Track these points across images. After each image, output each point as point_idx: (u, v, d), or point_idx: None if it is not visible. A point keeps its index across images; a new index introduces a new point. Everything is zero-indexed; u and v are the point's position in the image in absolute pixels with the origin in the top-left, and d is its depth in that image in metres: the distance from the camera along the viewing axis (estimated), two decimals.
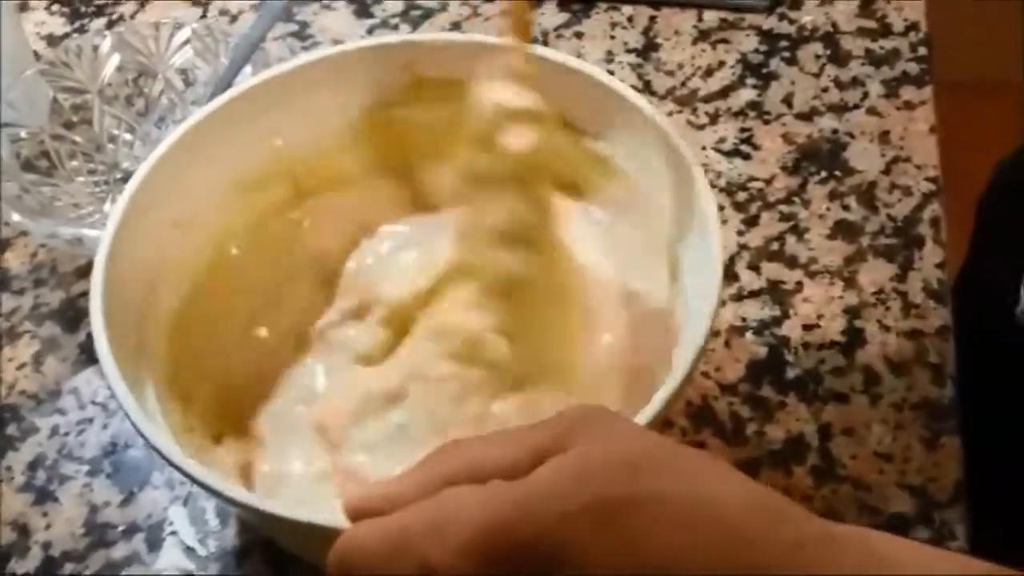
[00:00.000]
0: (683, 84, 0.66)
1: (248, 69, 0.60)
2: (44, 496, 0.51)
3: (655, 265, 0.48)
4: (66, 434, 0.53)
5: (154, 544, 0.49)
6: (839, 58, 0.67)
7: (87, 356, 0.56)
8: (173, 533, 0.50)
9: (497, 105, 0.44)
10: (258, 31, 0.60)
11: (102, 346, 0.41)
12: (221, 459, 0.47)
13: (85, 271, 0.59)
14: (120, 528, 0.50)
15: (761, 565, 0.29)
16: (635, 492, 0.30)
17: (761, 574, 0.29)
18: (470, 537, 0.31)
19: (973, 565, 0.30)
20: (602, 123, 0.50)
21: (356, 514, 0.35)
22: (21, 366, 0.56)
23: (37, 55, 0.67)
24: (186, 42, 0.62)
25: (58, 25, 0.72)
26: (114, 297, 0.43)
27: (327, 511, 0.37)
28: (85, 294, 0.58)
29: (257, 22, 0.60)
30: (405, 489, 0.34)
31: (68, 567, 0.49)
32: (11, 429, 0.54)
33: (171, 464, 0.39)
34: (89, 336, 0.56)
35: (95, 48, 0.61)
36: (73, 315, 0.58)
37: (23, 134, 0.59)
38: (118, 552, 0.49)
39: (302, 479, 0.46)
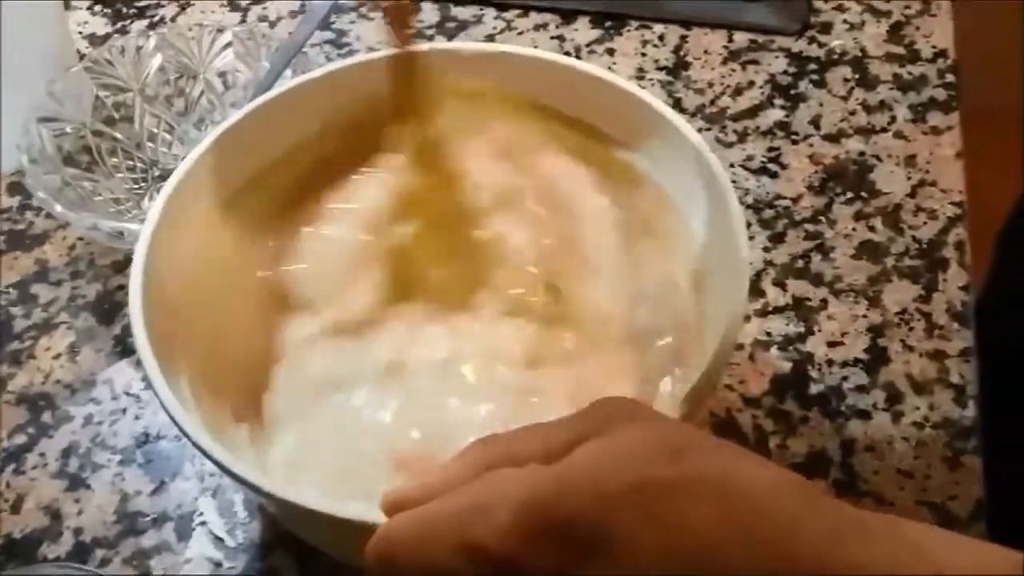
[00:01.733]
0: (712, 102, 0.67)
1: (288, 73, 0.61)
2: (77, 483, 0.52)
3: (679, 276, 0.49)
4: (99, 423, 0.54)
5: (183, 534, 0.50)
6: (867, 82, 0.68)
7: (122, 348, 0.57)
8: (202, 523, 0.50)
9: None
10: (300, 36, 0.61)
11: (140, 338, 0.42)
12: (243, 445, 0.47)
13: (122, 265, 0.60)
14: (150, 517, 0.51)
15: (797, 550, 0.29)
16: (674, 474, 0.31)
17: (797, 559, 0.29)
18: (511, 515, 0.31)
19: (1005, 553, 0.30)
20: (633, 135, 0.51)
21: (394, 508, 0.35)
22: (57, 356, 0.57)
23: (80, 54, 0.69)
24: (227, 45, 0.63)
25: (100, 25, 0.74)
26: (152, 290, 0.44)
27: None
28: (121, 287, 0.59)
29: (299, 27, 0.62)
30: (443, 480, 0.35)
31: (99, 553, 0.50)
32: (46, 417, 0.54)
33: (212, 460, 0.40)
34: (124, 328, 0.58)
35: (139, 48, 0.63)
36: (109, 307, 0.59)
37: (67, 129, 0.60)
38: (148, 540, 0.50)
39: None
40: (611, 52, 0.71)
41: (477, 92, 0.52)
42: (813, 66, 0.69)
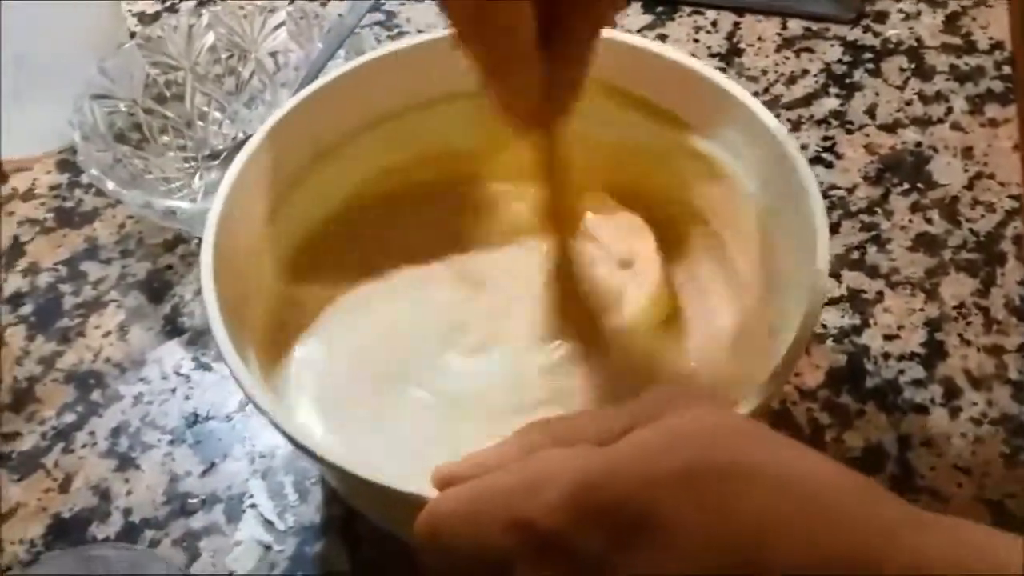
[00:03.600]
0: (766, 90, 0.66)
1: (341, 54, 0.61)
2: (126, 463, 0.52)
3: (751, 269, 0.48)
4: (149, 403, 0.54)
5: (233, 516, 0.50)
6: (923, 72, 0.67)
7: (171, 327, 0.57)
8: (252, 506, 0.50)
9: None
10: (353, 17, 0.61)
11: (216, 321, 0.42)
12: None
13: (171, 244, 0.60)
14: (200, 498, 0.51)
15: (853, 546, 0.29)
16: (726, 461, 0.30)
17: (853, 555, 0.29)
18: (561, 494, 0.31)
19: None
20: (711, 123, 0.50)
21: (444, 483, 0.35)
22: (107, 334, 0.57)
23: (130, 32, 0.69)
24: (280, 25, 0.63)
25: (149, 3, 0.73)
26: (222, 269, 0.44)
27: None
28: (170, 267, 0.59)
29: (352, 8, 0.61)
30: (495, 457, 0.35)
31: (148, 534, 0.50)
32: (95, 395, 0.54)
33: (275, 424, 0.40)
34: (173, 308, 0.57)
35: (190, 26, 0.62)
36: (158, 286, 0.59)
37: (119, 107, 0.60)
38: (197, 522, 0.50)
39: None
40: (663, 38, 0.70)
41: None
42: (868, 55, 0.68)
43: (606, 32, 0.45)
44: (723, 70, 0.67)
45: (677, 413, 0.33)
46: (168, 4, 0.73)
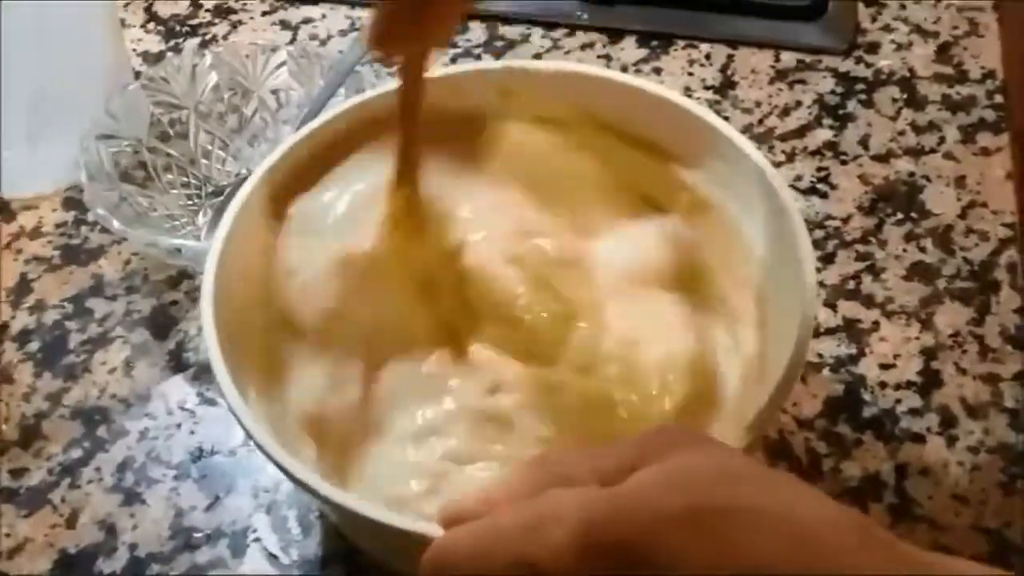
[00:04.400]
0: (760, 122, 0.67)
1: (341, 92, 0.62)
2: (132, 498, 0.53)
3: (741, 299, 0.49)
4: (155, 438, 0.55)
5: (238, 550, 0.51)
6: (916, 102, 0.68)
7: (176, 363, 0.58)
8: (257, 540, 0.51)
9: None
10: (353, 56, 0.62)
11: (215, 356, 0.43)
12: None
13: (175, 280, 0.61)
14: (205, 532, 0.51)
15: None
16: (732, 502, 0.31)
17: None
18: (568, 534, 0.31)
19: None
20: (694, 154, 0.51)
21: (450, 521, 0.36)
22: (112, 370, 0.57)
23: (135, 72, 0.70)
24: (281, 64, 0.64)
25: (154, 43, 0.75)
26: (222, 306, 0.45)
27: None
28: (175, 303, 0.60)
29: (352, 47, 0.62)
30: (499, 495, 0.35)
31: (154, 568, 0.50)
32: (101, 431, 0.55)
33: (274, 461, 0.40)
34: (178, 343, 0.58)
35: (194, 66, 0.63)
36: (163, 322, 0.59)
37: (124, 145, 0.61)
38: (203, 556, 0.50)
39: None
40: (658, 71, 0.71)
41: (551, 116, 0.52)
42: (861, 86, 0.69)
43: (598, 71, 0.47)
44: (718, 103, 0.68)
45: (679, 452, 0.34)
46: (172, 44, 0.74)
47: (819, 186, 0.63)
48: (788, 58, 0.71)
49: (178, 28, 0.75)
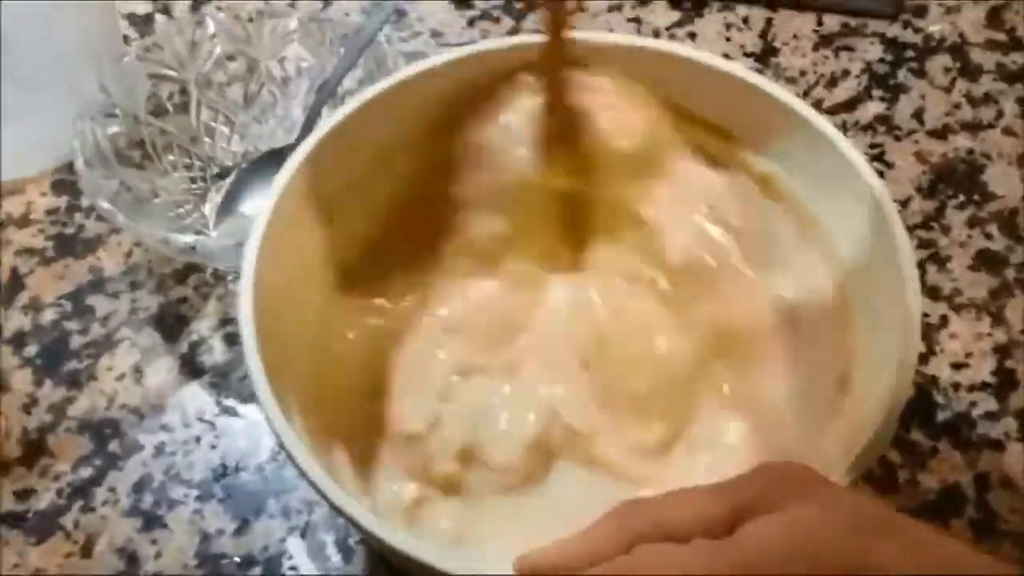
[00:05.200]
0: (806, 93, 0.63)
1: (361, 63, 0.56)
2: (152, 522, 0.48)
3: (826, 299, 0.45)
4: (172, 453, 0.50)
5: None
6: (969, 72, 0.64)
7: (190, 368, 0.53)
8: (293, 568, 0.47)
9: None
10: (373, 25, 0.56)
11: (259, 379, 0.38)
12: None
13: (182, 274, 0.56)
14: (235, 560, 0.47)
15: None
16: (870, 562, 0.28)
17: None
18: None
19: None
20: (770, 140, 0.47)
21: (533, 572, 0.33)
22: (120, 376, 0.52)
23: (126, 38, 0.63)
24: (291, 32, 0.58)
25: (140, 3, 0.68)
26: (261, 315, 0.40)
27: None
28: (184, 299, 0.55)
29: (372, 15, 0.56)
30: (587, 547, 0.32)
31: None
32: (113, 446, 0.50)
33: (343, 514, 0.36)
34: (191, 346, 0.53)
35: (194, 33, 0.57)
36: (173, 322, 0.54)
37: (119, 123, 0.55)
38: None
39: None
40: (692, 36, 0.66)
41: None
42: (911, 53, 0.65)
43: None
44: (759, 71, 0.64)
45: (798, 502, 0.30)
46: (161, 5, 0.68)
47: (875, 164, 0.59)
48: (831, 22, 0.66)
49: None
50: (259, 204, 0.43)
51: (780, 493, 0.31)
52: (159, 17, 0.67)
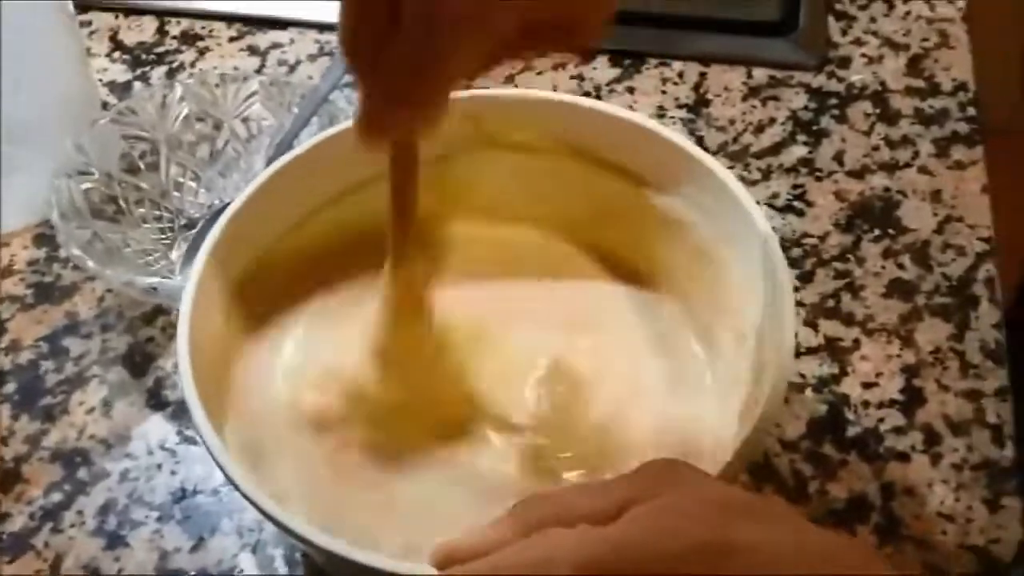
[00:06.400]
0: (735, 140, 0.67)
1: (315, 120, 0.61)
2: (115, 541, 0.52)
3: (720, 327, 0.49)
4: (136, 479, 0.54)
5: None
6: (889, 116, 0.68)
7: (155, 401, 0.57)
8: None
9: None
10: (327, 84, 0.61)
11: (190, 393, 0.42)
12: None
13: (150, 317, 0.60)
14: (191, 574, 0.51)
15: None
16: (732, 537, 0.31)
17: None
18: (568, 574, 0.31)
19: None
20: (668, 179, 0.51)
21: (446, 561, 0.36)
22: (90, 410, 0.57)
23: (103, 102, 0.69)
24: (252, 94, 0.63)
25: (120, 72, 0.74)
26: (198, 346, 0.44)
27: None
28: (151, 339, 0.59)
29: (326, 76, 0.62)
30: (495, 535, 0.35)
31: None
32: (82, 473, 0.54)
33: (260, 510, 0.40)
34: (156, 381, 0.57)
35: (164, 97, 0.63)
36: (140, 360, 0.58)
37: (94, 180, 0.60)
38: None
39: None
40: (631, 90, 0.71)
41: (519, 142, 0.52)
42: (834, 101, 0.69)
43: (569, 98, 0.47)
44: (692, 121, 0.69)
45: (672, 489, 0.34)
46: (139, 73, 0.73)
47: (795, 203, 0.64)
48: (760, 75, 0.71)
49: (144, 56, 0.74)
50: None
51: (662, 484, 0.35)
52: (137, 84, 0.72)
